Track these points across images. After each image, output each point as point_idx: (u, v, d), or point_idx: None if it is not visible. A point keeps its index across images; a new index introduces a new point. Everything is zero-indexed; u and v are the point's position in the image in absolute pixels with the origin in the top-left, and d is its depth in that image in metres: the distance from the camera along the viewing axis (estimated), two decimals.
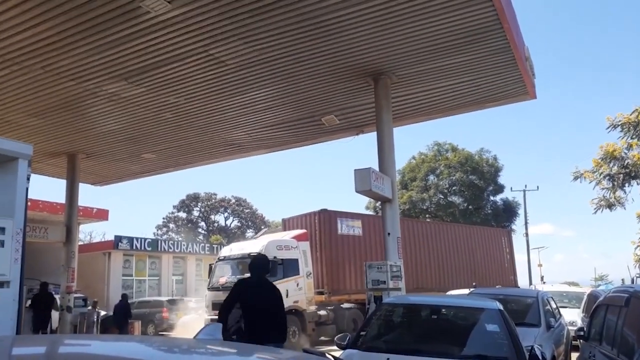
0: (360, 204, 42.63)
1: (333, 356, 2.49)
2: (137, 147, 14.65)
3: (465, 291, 13.57)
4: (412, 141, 71.23)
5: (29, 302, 13.33)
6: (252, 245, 14.65)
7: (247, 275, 5.85)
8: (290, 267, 14.14)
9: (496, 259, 22.29)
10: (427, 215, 34.31)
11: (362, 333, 5.55)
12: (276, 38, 9.04)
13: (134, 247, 24.40)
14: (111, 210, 24.37)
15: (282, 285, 13.19)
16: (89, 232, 39.19)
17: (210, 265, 15.59)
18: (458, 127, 72.71)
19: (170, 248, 26.53)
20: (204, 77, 10.43)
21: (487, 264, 21.44)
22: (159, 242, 27.75)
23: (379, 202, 14.45)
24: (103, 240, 32.42)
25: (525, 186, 36.51)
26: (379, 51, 9.66)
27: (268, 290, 5.50)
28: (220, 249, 20.20)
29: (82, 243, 27.53)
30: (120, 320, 15.10)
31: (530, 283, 32.31)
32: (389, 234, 9.95)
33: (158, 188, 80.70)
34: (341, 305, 15.60)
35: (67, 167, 15.40)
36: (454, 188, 35.38)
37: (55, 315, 14.62)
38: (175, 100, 11.51)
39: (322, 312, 14.84)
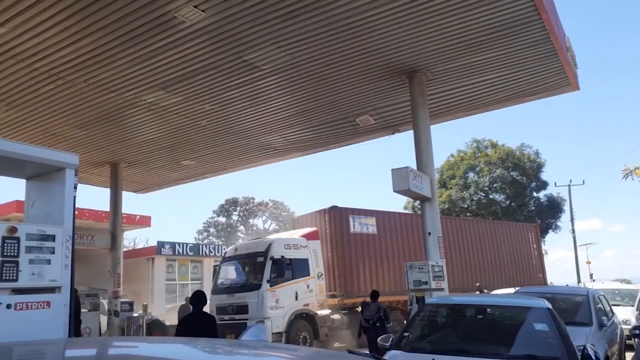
0: (400, 203, 42.27)
1: (377, 357, 2.45)
2: (177, 154, 14.99)
3: (510, 290, 13.21)
4: (450, 139, 70.14)
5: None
6: (257, 244, 13.53)
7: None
8: (299, 268, 13.10)
9: (523, 255, 21.03)
10: (467, 214, 33.62)
11: (406, 334, 5.47)
12: (308, 41, 9.07)
13: (177, 252, 24.92)
14: (153, 216, 24.89)
15: (291, 286, 12.62)
16: (132, 238, 40.32)
17: (214, 266, 14.54)
18: (497, 123, 71.02)
19: (212, 252, 26.95)
20: (238, 83, 10.57)
21: (513, 262, 20.25)
22: (200, 246, 28.25)
23: (418, 202, 14.16)
24: (146, 246, 33.30)
25: (570, 181, 35.30)
26: (413, 48, 9.55)
27: (202, 322, 6.21)
28: None
29: (126, 249, 28.34)
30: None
31: (579, 281, 31.20)
32: (429, 233, 9.79)
33: (198, 194, 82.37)
34: (356, 309, 13.92)
35: (111, 176, 15.91)
36: (495, 185, 34.53)
37: (103, 319, 15.11)
38: (211, 107, 11.72)
39: (336, 316, 13.76)
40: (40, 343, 3.02)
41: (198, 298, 6.34)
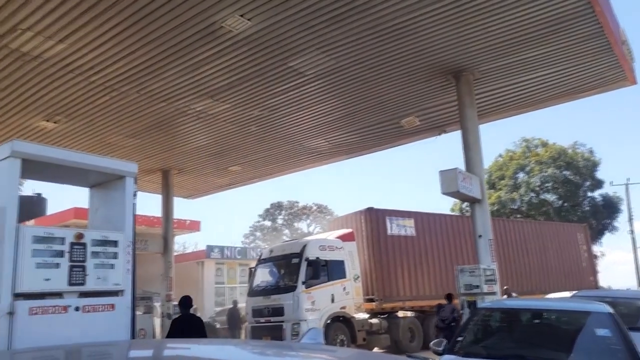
0: (448, 205, 41.49)
1: None
2: (224, 160, 15.35)
3: (566, 294, 12.72)
4: (497, 138, 68.23)
5: None
6: (292, 245, 13.41)
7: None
8: (335, 269, 12.82)
9: (572, 257, 20.01)
10: (518, 215, 32.63)
11: (459, 339, 5.37)
12: (352, 45, 9.10)
13: (225, 256, 25.40)
14: (200, 221, 25.47)
15: (327, 289, 12.32)
16: (182, 242, 41.35)
17: (250, 269, 14.51)
18: (547, 121, 68.44)
19: (259, 255, 27.30)
20: (283, 89, 10.72)
21: (561, 264, 19.28)
22: (247, 250, 28.70)
23: (465, 203, 13.79)
24: (196, 250, 34.13)
25: (628, 179, 33.73)
26: (459, 48, 9.40)
27: (191, 322, 7.09)
28: None
29: (176, 253, 29.13)
30: (231, 324, 15.92)
31: None
32: (480, 236, 9.57)
33: (244, 198, 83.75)
34: (396, 314, 14.21)
35: (162, 183, 16.44)
36: (546, 185, 33.34)
37: (156, 321, 15.63)
38: (259, 114, 11.94)
39: (374, 321, 13.38)
40: (107, 344, 3.16)
41: (186, 303, 7.42)
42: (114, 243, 4.33)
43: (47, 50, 8.73)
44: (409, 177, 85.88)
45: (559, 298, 11.38)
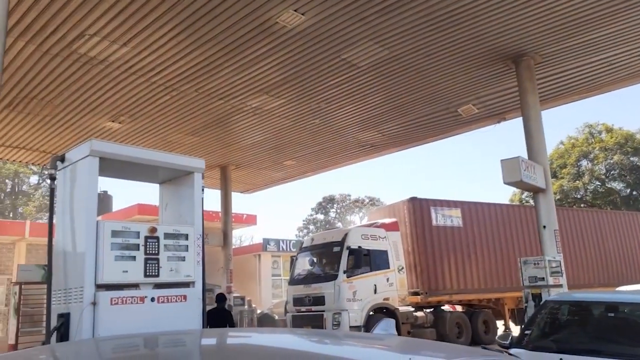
0: (507, 195, 40.21)
1: (510, 354, 2.38)
2: (280, 155, 15.58)
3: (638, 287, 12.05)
4: (558, 125, 65.19)
5: None
6: (334, 234, 13.21)
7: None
8: (378, 259, 12.42)
9: (634, 248, 18.80)
10: (582, 205, 31.17)
11: (527, 332, 5.23)
12: (406, 34, 8.96)
13: (280, 249, 25.90)
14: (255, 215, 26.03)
15: (369, 279, 11.97)
16: (238, 236, 42.41)
17: (291, 257, 14.40)
18: (611, 105, 64.70)
19: (300, 244, 27.54)
20: (337, 82, 10.73)
21: (621, 255, 18.18)
22: (302, 243, 29.07)
23: (525, 193, 13.27)
24: (252, 243, 34.90)
25: None
26: (519, 31, 9.05)
27: (222, 317, 8.78)
28: None
29: (234, 247, 29.88)
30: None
31: None
32: (544, 226, 9.22)
33: (297, 193, 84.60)
34: (442, 307, 13.85)
35: (221, 178, 16.90)
36: (612, 173, 31.65)
37: None
38: (313, 108, 12.02)
39: (420, 314, 13.06)
40: (182, 333, 3.31)
41: (220, 298, 9.15)
42: (185, 236, 4.51)
43: (112, 54, 9.16)
44: (465, 168, 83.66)
45: (633, 291, 10.79)
